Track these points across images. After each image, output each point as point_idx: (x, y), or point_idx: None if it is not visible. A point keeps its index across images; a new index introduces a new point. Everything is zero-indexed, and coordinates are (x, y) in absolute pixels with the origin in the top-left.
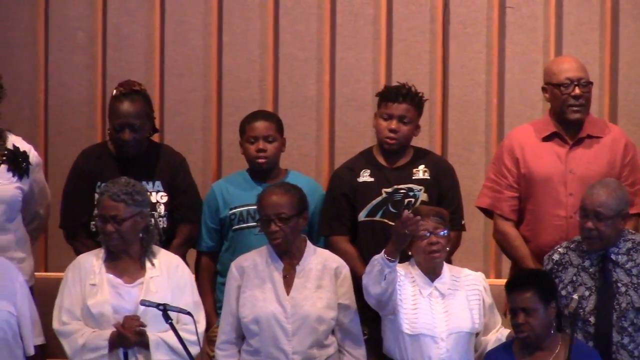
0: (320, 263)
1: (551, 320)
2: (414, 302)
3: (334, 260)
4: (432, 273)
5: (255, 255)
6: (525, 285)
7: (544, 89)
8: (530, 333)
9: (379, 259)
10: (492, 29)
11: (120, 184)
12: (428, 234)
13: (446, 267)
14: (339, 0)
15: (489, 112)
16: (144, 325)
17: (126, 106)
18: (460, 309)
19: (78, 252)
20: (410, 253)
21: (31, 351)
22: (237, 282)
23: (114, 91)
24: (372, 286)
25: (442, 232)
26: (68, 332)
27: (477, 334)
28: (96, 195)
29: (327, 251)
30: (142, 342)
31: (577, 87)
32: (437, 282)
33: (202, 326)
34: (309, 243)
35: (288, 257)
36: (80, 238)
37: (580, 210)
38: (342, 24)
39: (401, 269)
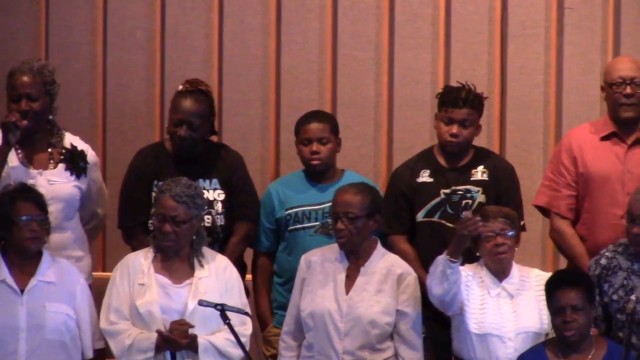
0: (386, 267)
1: (591, 322)
2: (482, 302)
3: (400, 266)
4: (500, 273)
5: (325, 251)
6: (575, 283)
7: (602, 89)
8: (577, 331)
9: (441, 259)
10: (550, 30)
11: (182, 185)
12: (494, 235)
13: (515, 267)
14: (397, 0)
15: (547, 112)
16: (192, 326)
17: (188, 103)
18: (528, 309)
19: (135, 251)
20: (478, 254)
21: (89, 354)
22: (303, 275)
23: (180, 86)
24: (435, 287)
25: (509, 233)
26: (115, 332)
27: (546, 335)
28: (153, 195)
29: (395, 256)
30: (192, 346)
31: (628, 86)
32: (505, 283)
33: (248, 329)
34: (379, 246)
35: (355, 257)
36: (139, 237)
37: (627, 215)
38: (400, 25)
39: (469, 270)
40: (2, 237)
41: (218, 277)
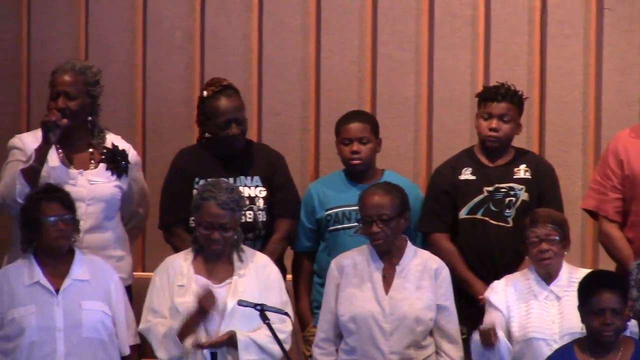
0: (421, 264)
1: (625, 324)
2: (527, 307)
3: (434, 261)
4: (548, 276)
5: (355, 254)
6: (615, 286)
7: None
8: (614, 334)
9: (477, 338)
10: (589, 31)
11: (224, 190)
12: (539, 241)
13: (566, 268)
14: (437, 1)
15: (586, 113)
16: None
17: (225, 102)
18: (575, 310)
19: (177, 249)
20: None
21: (126, 351)
22: (336, 281)
23: (204, 92)
24: None
25: (554, 239)
26: (150, 327)
27: None
28: (195, 193)
29: (427, 252)
30: (231, 343)
31: None
32: (552, 285)
33: (288, 327)
34: (409, 243)
35: (388, 257)
36: (179, 234)
37: None
38: (440, 25)
39: (514, 278)
40: (32, 239)
41: (258, 275)
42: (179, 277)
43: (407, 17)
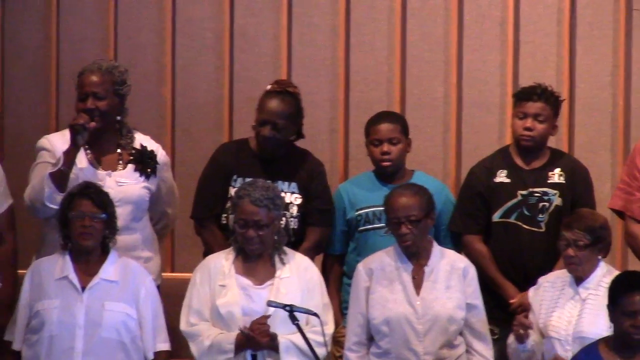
0: (448, 264)
1: None
2: (554, 306)
3: (461, 261)
4: (579, 278)
5: (382, 256)
6: None
7: None
8: None
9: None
10: (618, 32)
11: (260, 188)
12: (567, 245)
13: (600, 270)
14: (466, 2)
15: (615, 114)
16: (268, 316)
17: (274, 104)
18: (596, 313)
19: (206, 243)
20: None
21: (150, 355)
22: (366, 284)
23: (269, 86)
24: None
25: (583, 244)
26: (195, 334)
27: None
28: (231, 189)
29: (453, 251)
30: (272, 345)
31: None
32: (580, 287)
33: (330, 328)
34: (435, 243)
35: (416, 258)
36: (211, 228)
37: None
38: (469, 26)
39: (551, 278)
40: (68, 236)
41: (299, 277)
42: (220, 276)
43: (436, 18)
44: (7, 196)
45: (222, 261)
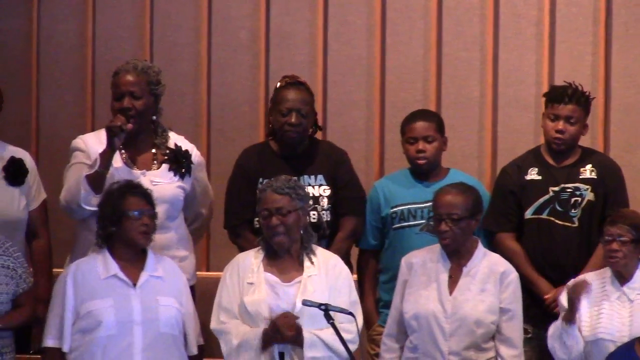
0: (488, 266)
1: None
2: (599, 306)
3: (502, 265)
4: (622, 277)
5: (425, 253)
6: None
7: None
8: None
9: (558, 324)
10: None
11: (281, 180)
12: (611, 240)
13: None
14: (501, 1)
15: None
16: (296, 317)
17: (293, 93)
18: None
19: (242, 250)
20: None
21: (194, 350)
22: (405, 277)
23: (278, 83)
24: (557, 353)
25: (626, 239)
26: (224, 332)
27: None
28: (259, 193)
29: (496, 255)
30: (298, 341)
31: None
32: (625, 287)
33: (359, 324)
34: (480, 245)
35: (457, 258)
36: (245, 235)
37: None
38: (504, 25)
39: (591, 277)
40: (111, 233)
41: (327, 274)
42: (248, 274)
43: (472, 17)
44: (40, 192)
45: (251, 259)
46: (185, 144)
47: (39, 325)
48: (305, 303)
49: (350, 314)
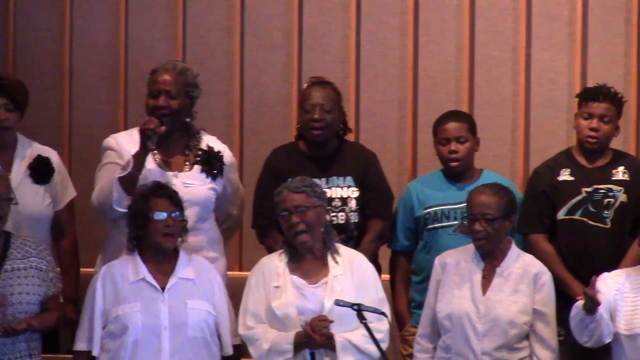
0: (521, 267)
1: None
2: (634, 302)
3: (535, 266)
4: None
5: (459, 253)
6: None
7: None
8: None
9: (580, 307)
10: None
11: (297, 180)
12: None
13: None
14: (534, 1)
15: None
16: (331, 322)
17: (318, 90)
18: None
19: (270, 250)
20: None
21: (229, 351)
22: (438, 277)
23: (305, 84)
24: (578, 335)
25: None
26: (253, 338)
27: None
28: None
29: (530, 256)
30: (329, 344)
31: None
32: None
33: (386, 324)
34: (513, 246)
35: (490, 258)
36: (272, 235)
37: None
38: (537, 25)
39: (625, 273)
40: (139, 236)
41: (353, 273)
42: (274, 277)
43: (505, 18)
44: (67, 192)
45: (276, 262)
46: (218, 145)
47: (66, 325)
48: (338, 303)
49: (383, 313)
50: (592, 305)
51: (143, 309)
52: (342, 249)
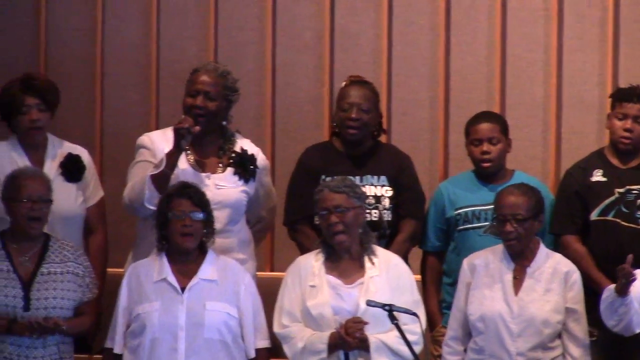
0: (552, 266)
1: None
2: None
3: (565, 264)
4: None
5: (488, 254)
6: None
7: None
8: None
9: (611, 290)
10: None
11: (337, 180)
12: None
13: None
14: (565, 2)
15: None
16: (366, 323)
17: (356, 90)
18: None
19: (301, 246)
20: None
21: (252, 354)
22: (467, 279)
23: (344, 82)
24: (606, 318)
25: None
26: (288, 336)
27: None
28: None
29: (559, 255)
30: (363, 346)
31: None
32: None
33: (422, 324)
34: (541, 245)
35: (520, 258)
36: (303, 230)
37: None
38: (568, 26)
39: None
40: (165, 236)
41: (389, 274)
42: (310, 277)
43: (536, 18)
44: (98, 189)
45: (312, 262)
46: (251, 148)
47: (96, 327)
48: (370, 303)
49: (414, 314)
50: (626, 282)
51: (161, 309)
52: (379, 250)
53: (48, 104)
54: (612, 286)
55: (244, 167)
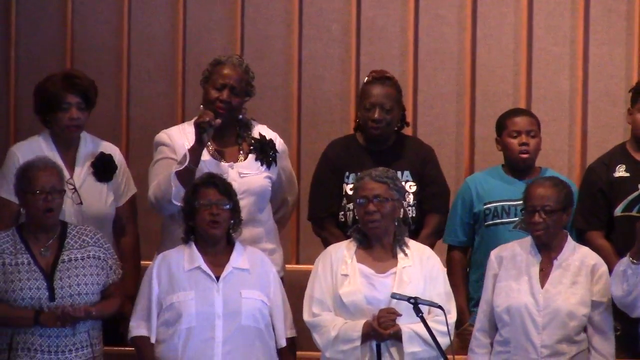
0: (579, 259)
1: None
2: None
3: (592, 258)
4: None
5: (515, 246)
6: None
7: None
8: None
9: (625, 260)
10: None
11: (380, 169)
12: None
13: None
14: None
15: None
16: (399, 315)
17: (378, 88)
18: None
19: (326, 243)
20: None
21: (283, 342)
22: (494, 271)
23: (366, 78)
24: (615, 287)
25: None
26: (320, 325)
27: None
28: (345, 186)
29: (586, 248)
30: (396, 335)
31: None
32: None
33: (452, 317)
34: (569, 239)
35: (547, 251)
36: (329, 228)
37: None
38: (595, 20)
39: None
40: (192, 228)
41: (422, 265)
42: (342, 265)
43: (563, 12)
44: (129, 188)
45: (344, 251)
46: (269, 133)
47: (125, 322)
48: (395, 296)
49: (440, 307)
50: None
51: (197, 297)
52: (411, 242)
53: (88, 103)
54: (625, 257)
55: (265, 152)
